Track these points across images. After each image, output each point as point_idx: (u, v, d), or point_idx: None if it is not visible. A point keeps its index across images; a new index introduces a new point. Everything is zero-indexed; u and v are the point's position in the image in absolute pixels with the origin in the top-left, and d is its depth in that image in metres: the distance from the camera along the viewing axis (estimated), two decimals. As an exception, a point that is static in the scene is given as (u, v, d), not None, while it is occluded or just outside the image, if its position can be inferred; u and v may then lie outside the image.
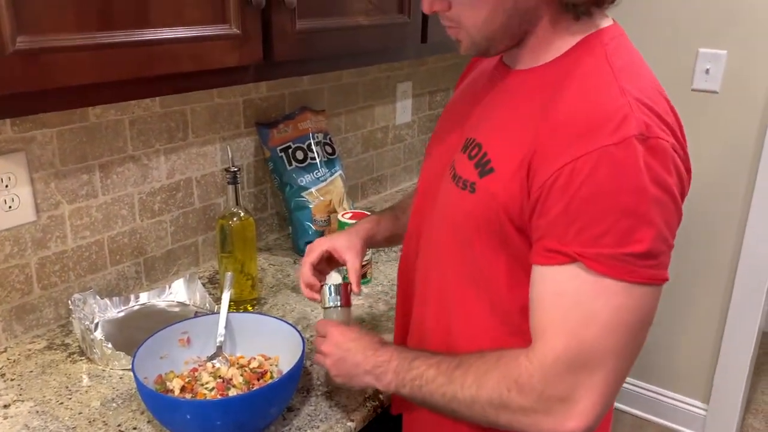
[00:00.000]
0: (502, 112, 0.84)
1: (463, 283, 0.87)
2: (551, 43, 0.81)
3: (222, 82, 1.14)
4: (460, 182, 0.84)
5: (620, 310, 0.72)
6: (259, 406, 0.95)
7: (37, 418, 1.03)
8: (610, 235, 0.70)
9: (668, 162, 0.71)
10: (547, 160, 0.73)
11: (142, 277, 1.44)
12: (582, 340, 0.73)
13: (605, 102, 0.72)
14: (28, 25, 0.82)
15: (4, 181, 1.16)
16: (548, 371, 0.75)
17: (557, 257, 0.73)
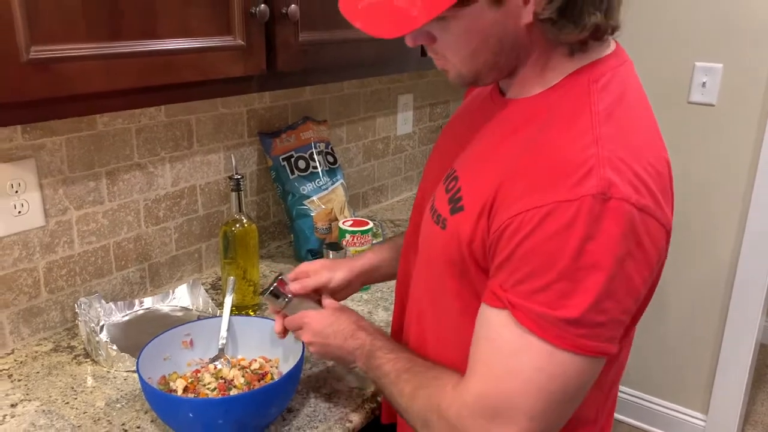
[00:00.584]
0: (483, 144, 0.83)
1: (437, 313, 0.88)
2: (543, 74, 0.78)
3: (226, 92, 1.18)
4: (435, 216, 0.84)
5: (541, 373, 0.69)
6: (260, 406, 0.97)
7: (43, 417, 1.06)
8: (545, 293, 0.67)
9: (627, 227, 0.66)
10: (504, 206, 0.71)
11: (146, 282, 1.47)
12: (500, 390, 0.72)
13: (573, 153, 0.69)
14: (41, 35, 0.86)
15: (14, 186, 1.19)
16: (464, 409, 0.74)
17: (494, 300, 0.72)
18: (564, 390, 0.70)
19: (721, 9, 2.07)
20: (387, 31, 0.71)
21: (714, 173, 2.21)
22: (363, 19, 0.72)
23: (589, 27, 0.72)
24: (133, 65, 0.97)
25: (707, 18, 2.11)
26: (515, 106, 0.81)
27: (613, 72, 0.76)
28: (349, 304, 1.44)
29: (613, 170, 0.67)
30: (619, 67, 0.78)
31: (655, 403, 2.52)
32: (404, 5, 0.69)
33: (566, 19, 0.71)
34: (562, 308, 0.67)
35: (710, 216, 2.25)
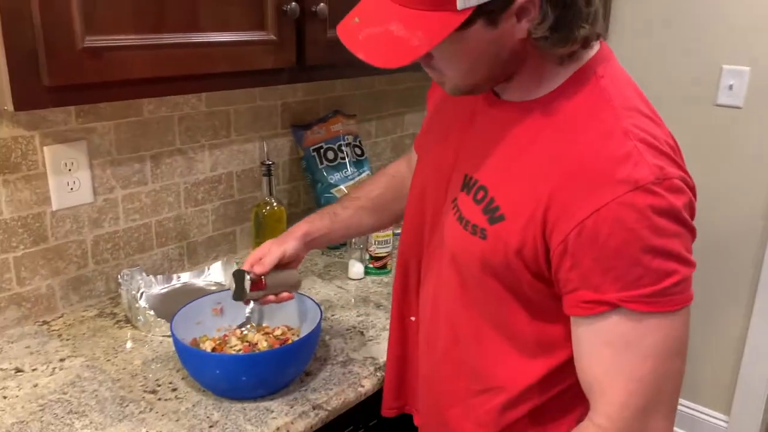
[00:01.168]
0: (504, 153, 0.84)
1: (476, 318, 0.90)
2: (542, 78, 0.81)
3: (259, 82, 1.29)
4: (469, 226, 0.85)
5: (667, 339, 0.75)
6: (280, 364, 1.07)
7: (87, 371, 1.18)
8: (647, 276, 0.72)
9: (682, 196, 0.74)
10: (565, 214, 0.74)
11: (184, 259, 1.58)
12: (640, 378, 0.75)
13: (614, 150, 0.73)
14: (94, 26, 0.97)
15: (68, 165, 1.32)
16: (618, 425, 0.77)
17: (597, 307, 0.75)
18: (685, 339, 0.77)
19: (749, 13, 2.10)
20: (390, 61, 0.73)
21: (740, 174, 2.23)
22: (365, 50, 0.75)
23: (579, 40, 0.76)
24: (175, 55, 1.08)
25: (734, 22, 2.14)
26: (522, 109, 0.83)
27: (608, 66, 0.81)
28: (369, 285, 1.54)
29: (652, 157, 0.73)
30: (610, 59, 0.83)
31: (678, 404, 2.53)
32: (404, 35, 0.72)
33: (558, 34, 0.74)
34: (666, 279, 0.73)
35: (735, 217, 2.27)
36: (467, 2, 0.70)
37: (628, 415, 0.77)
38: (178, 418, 1.05)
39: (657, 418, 0.77)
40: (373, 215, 1.22)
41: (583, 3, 0.75)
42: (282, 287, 1.12)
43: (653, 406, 0.77)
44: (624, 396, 0.77)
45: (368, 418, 1.22)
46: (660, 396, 0.77)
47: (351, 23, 0.78)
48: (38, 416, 1.05)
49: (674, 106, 2.30)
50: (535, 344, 0.87)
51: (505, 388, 0.90)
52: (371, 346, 1.28)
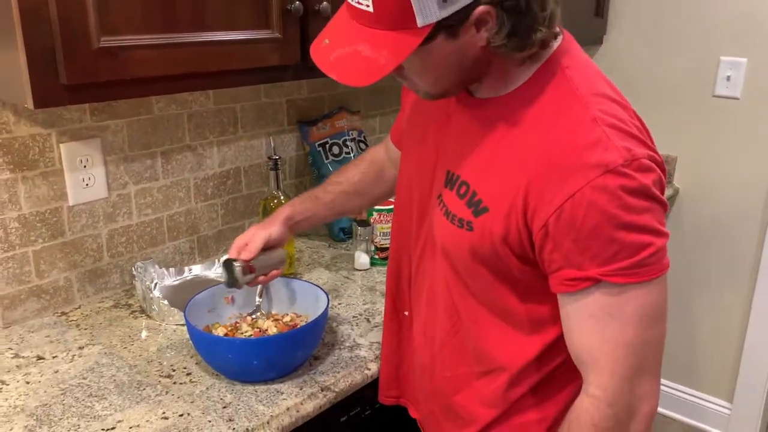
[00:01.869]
0: (482, 147, 0.88)
1: (472, 305, 0.95)
2: (509, 75, 0.85)
3: (265, 79, 1.33)
4: (456, 220, 0.90)
5: (646, 306, 0.80)
6: (289, 347, 1.12)
7: (105, 357, 1.23)
8: (624, 250, 0.77)
9: (651, 174, 0.78)
10: (543, 200, 0.79)
11: (195, 252, 1.64)
12: (625, 344, 0.81)
13: (583, 136, 0.78)
14: (109, 27, 1.02)
15: (83, 162, 1.37)
16: (609, 392, 0.83)
17: (581, 284, 0.80)
18: (663, 306, 0.83)
19: (746, 5, 2.13)
20: (359, 80, 0.78)
21: (738, 164, 2.26)
22: (336, 71, 0.79)
23: (537, 43, 0.80)
24: (185, 53, 1.13)
25: (732, 14, 2.17)
26: (495, 106, 0.87)
27: (571, 55, 0.86)
28: (374, 275, 1.59)
29: (620, 140, 0.78)
30: (573, 49, 0.87)
31: (681, 391, 2.57)
32: (371, 55, 0.76)
33: (515, 39, 0.78)
34: (642, 251, 0.78)
35: (735, 206, 2.30)
36: (426, 20, 0.74)
37: (618, 381, 0.83)
38: (193, 400, 1.10)
39: (644, 380, 0.84)
40: (354, 198, 1.29)
41: (538, 8, 0.78)
42: (269, 267, 1.18)
43: (640, 370, 0.83)
44: (612, 363, 0.82)
45: (374, 400, 1.26)
46: (645, 360, 0.83)
47: (322, 44, 0.83)
48: (60, 399, 1.10)
49: (673, 98, 2.34)
50: (529, 323, 0.92)
51: (507, 367, 0.95)
52: (377, 332, 1.32)
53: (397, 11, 0.74)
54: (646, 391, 0.84)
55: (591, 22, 2.33)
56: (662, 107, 2.37)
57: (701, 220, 2.39)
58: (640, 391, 0.84)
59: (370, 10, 0.76)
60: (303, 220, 1.24)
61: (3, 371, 1.18)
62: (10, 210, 1.29)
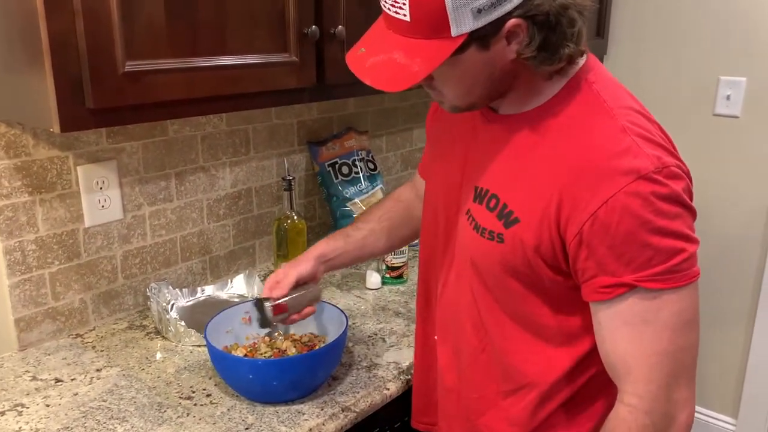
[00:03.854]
0: (509, 161, 0.90)
1: (501, 319, 0.95)
2: (536, 90, 0.88)
3: (283, 101, 1.35)
4: (486, 233, 0.91)
5: (682, 312, 0.82)
6: (310, 368, 1.13)
7: (123, 380, 1.23)
8: (658, 256, 0.79)
9: (680, 181, 0.81)
10: (577, 208, 0.80)
11: (207, 273, 1.64)
12: (660, 351, 0.82)
13: (614, 145, 0.80)
14: (134, 52, 1.04)
15: (99, 183, 1.38)
16: (646, 400, 0.83)
17: (616, 290, 0.81)
18: (696, 311, 0.85)
19: (744, 25, 2.18)
20: (394, 85, 0.80)
21: (739, 182, 2.30)
22: (371, 77, 0.82)
23: (565, 57, 0.83)
24: (206, 77, 1.14)
25: (731, 33, 2.21)
26: (520, 120, 0.89)
27: (597, 73, 0.89)
28: (386, 294, 1.60)
29: (650, 149, 0.80)
30: (599, 67, 0.90)
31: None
32: (405, 62, 0.79)
33: (545, 53, 0.81)
34: (675, 257, 0.80)
35: (737, 223, 2.33)
36: (460, 30, 0.77)
37: (654, 389, 0.83)
38: (215, 422, 1.10)
39: (681, 388, 0.84)
40: (383, 238, 1.27)
41: (567, 24, 0.81)
42: (302, 305, 1.17)
43: (676, 377, 0.83)
44: (647, 371, 0.83)
45: (393, 420, 1.27)
46: (680, 367, 0.84)
47: (358, 53, 0.86)
48: (81, 422, 1.10)
49: (673, 117, 2.37)
50: (560, 336, 0.93)
51: (537, 384, 0.95)
52: (393, 351, 1.33)
53: (433, 20, 0.77)
54: (683, 399, 0.84)
55: (592, 42, 2.37)
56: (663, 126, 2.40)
57: (703, 237, 2.39)
58: (677, 399, 0.84)
59: (407, 19, 0.78)
60: (335, 258, 1.23)
61: (22, 394, 1.18)
62: (28, 232, 1.29)
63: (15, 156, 1.25)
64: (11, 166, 1.25)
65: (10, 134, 1.24)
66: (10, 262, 1.28)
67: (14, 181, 1.26)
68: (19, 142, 1.25)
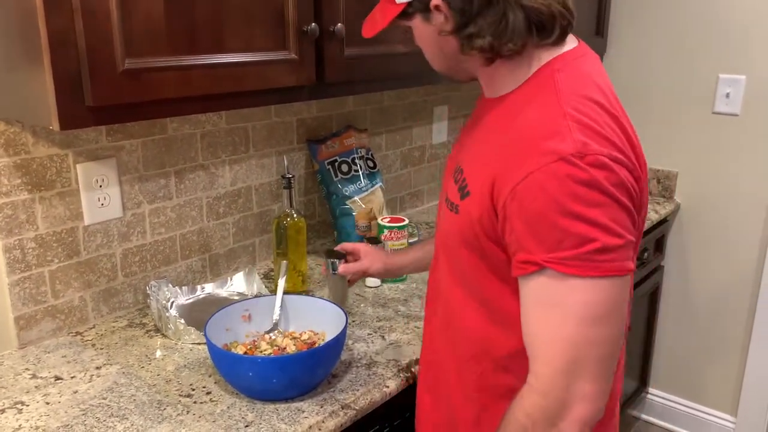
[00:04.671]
0: (477, 139, 0.97)
1: (455, 286, 1.01)
2: (499, 77, 0.94)
3: (282, 99, 1.35)
4: (449, 204, 0.98)
5: (589, 304, 0.81)
6: (309, 365, 1.13)
7: (123, 377, 1.23)
8: (568, 240, 0.79)
9: (605, 171, 0.80)
10: (504, 182, 0.83)
11: (207, 271, 1.64)
12: (562, 338, 0.82)
13: (547, 126, 0.83)
14: (133, 49, 1.04)
15: (99, 182, 1.38)
16: (542, 381, 0.84)
17: (529, 267, 0.83)
18: (611, 310, 0.83)
19: (743, 23, 2.18)
20: (364, 32, 1.00)
21: (739, 180, 2.30)
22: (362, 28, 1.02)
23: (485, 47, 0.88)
24: (206, 75, 1.14)
25: (730, 32, 2.22)
26: (494, 103, 0.96)
27: (572, 63, 0.90)
28: (386, 292, 1.60)
29: (582, 134, 0.81)
30: (579, 57, 0.91)
31: (684, 405, 2.58)
32: (376, 17, 0.98)
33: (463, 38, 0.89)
34: (586, 244, 0.79)
35: (735, 220, 2.33)
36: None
37: (550, 372, 0.83)
38: (214, 420, 1.10)
39: (582, 381, 0.83)
40: None
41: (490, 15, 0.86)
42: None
43: (576, 369, 0.82)
44: (549, 354, 0.84)
45: (393, 418, 1.27)
46: (584, 359, 0.82)
47: None
48: (81, 420, 1.10)
49: (673, 115, 2.38)
50: (511, 315, 0.92)
51: (491, 354, 0.97)
52: (393, 348, 1.33)
53: None
54: (583, 393, 0.83)
55: (591, 41, 2.37)
56: (663, 124, 2.41)
57: (702, 235, 2.42)
58: (576, 390, 0.83)
59: None
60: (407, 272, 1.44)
61: (22, 392, 1.18)
62: (28, 230, 1.30)
63: (14, 154, 1.25)
64: (11, 164, 1.25)
65: (9, 132, 1.24)
66: (9, 260, 1.28)
67: (14, 179, 1.26)
68: (18, 140, 1.25)
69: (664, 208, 2.37)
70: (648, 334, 2.56)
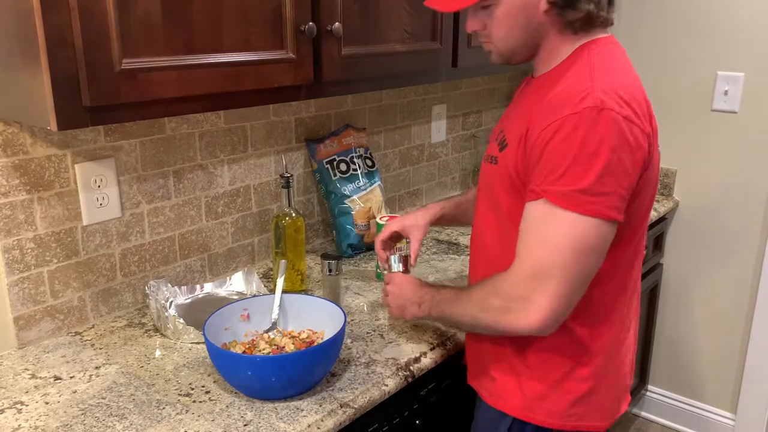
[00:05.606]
0: (519, 107, 1.14)
1: (497, 227, 1.15)
2: (557, 53, 1.08)
3: (279, 99, 1.35)
4: (489, 159, 1.15)
5: (566, 236, 0.97)
6: (308, 364, 1.13)
7: (122, 377, 1.23)
8: (566, 176, 0.95)
9: (615, 127, 0.95)
10: (535, 129, 1.00)
11: (206, 270, 1.64)
12: (539, 255, 1.00)
13: (575, 86, 0.99)
14: (131, 49, 1.04)
15: (97, 182, 1.38)
16: (514, 278, 1.02)
17: (533, 195, 1.00)
18: (585, 247, 0.98)
19: (742, 20, 2.18)
20: (449, 6, 1.13)
21: (738, 177, 2.30)
22: (437, 3, 1.11)
23: (584, 11, 1.02)
24: (203, 75, 1.14)
25: (728, 29, 2.22)
26: (538, 80, 1.11)
27: (605, 47, 1.07)
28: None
29: (603, 94, 0.97)
30: (611, 44, 1.08)
31: (684, 402, 2.59)
32: None
33: (570, 6, 1.02)
34: (577, 183, 0.95)
35: (735, 218, 2.33)
36: None
37: (521, 268, 1.02)
38: (213, 419, 1.10)
39: (542, 291, 0.99)
40: None
41: None
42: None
43: (541, 279, 0.99)
44: (528, 252, 1.01)
45: (392, 417, 1.27)
46: (549, 274, 0.98)
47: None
48: (80, 419, 1.10)
49: (672, 112, 2.38)
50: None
51: None
52: (392, 347, 1.34)
53: None
54: (544, 300, 0.99)
55: (590, 38, 2.37)
56: (661, 121, 2.38)
57: (701, 232, 2.42)
58: (539, 293, 0.99)
59: None
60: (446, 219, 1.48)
61: (21, 392, 1.18)
62: (26, 230, 1.30)
63: (13, 154, 1.25)
64: (9, 165, 1.25)
65: (7, 132, 1.24)
66: (8, 260, 1.28)
67: (12, 179, 1.26)
68: (16, 140, 1.25)
69: (663, 205, 2.37)
70: (647, 332, 2.56)
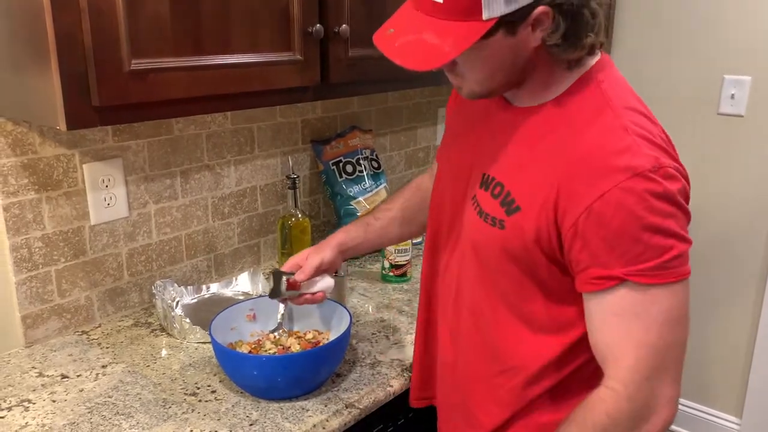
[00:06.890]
0: (517, 151, 0.93)
1: (495, 304, 0.99)
2: (550, 83, 0.91)
3: (286, 100, 1.36)
4: (488, 219, 0.94)
5: (671, 309, 0.84)
6: (314, 364, 1.13)
7: (129, 376, 1.24)
8: (648, 251, 0.81)
9: (676, 182, 0.83)
10: (573, 200, 0.83)
11: (212, 270, 1.65)
12: (648, 344, 0.84)
13: (615, 142, 0.83)
14: (140, 50, 1.05)
15: (105, 182, 1.39)
16: (630, 387, 0.85)
17: (606, 282, 0.84)
18: (686, 310, 0.86)
19: (749, 24, 2.18)
20: (424, 64, 0.83)
21: (744, 181, 2.29)
22: (401, 56, 0.84)
23: (587, 47, 0.87)
24: (211, 76, 1.15)
25: (735, 33, 2.21)
26: (533, 113, 0.93)
27: (607, 73, 0.91)
28: (390, 292, 1.60)
29: (649, 149, 0.83)
30: (609, 67, 0.93)
31: (689, 407, 2.58)
32: (436, 42, 0.82)
33: (568, 42, 0.85)
34: (666, 253, 0.82)
35: (740, 222, 2.33)
36: (492, 14, 0.80)
37: (638, 378, 0.85)
38: (219, 418, 1.11)
39: (664, 383, 0.86)
40: (403, 225, 1.29)
41: (589, 15, 0.85)
42: (314, 290, 1.20)
43: (660, 372, 0.85)
44: (634, 361, 0.85)
45: (397, 417, 1.28)
46: (666, 362, 0.86)
47: (386, 33, 0.89)
48: (87, 418, 1.11)
49: (678, 116, 2.37)
50: (550, 324, 0.95)
51: (524, 368, 0.98)
52: (397, 348, 1.34)
53: (466, 3, 0.80)
54: (667, 396, 0.86)
55: (596, 41, 2.37)
56: (667, 125, 2.36)
57: (707, 236, 2.41)
58: (661, 394, 0.86)
59: (439, 0, 0.81)
60: (354, 247, 1.26)
61: (28, 390, 1.19)
62: (35, 230, 1.30)
63: (22, 154, 1.26)
64: (18, 164, 1.26)
65: (16, 132, 1.25)
66: (16, 259, 1.29)
67: (21, 178, 1.27)
68: (25, 140, 1.26)
69: (669, 209, 2.36)
70: (653, 336, 2.55)
